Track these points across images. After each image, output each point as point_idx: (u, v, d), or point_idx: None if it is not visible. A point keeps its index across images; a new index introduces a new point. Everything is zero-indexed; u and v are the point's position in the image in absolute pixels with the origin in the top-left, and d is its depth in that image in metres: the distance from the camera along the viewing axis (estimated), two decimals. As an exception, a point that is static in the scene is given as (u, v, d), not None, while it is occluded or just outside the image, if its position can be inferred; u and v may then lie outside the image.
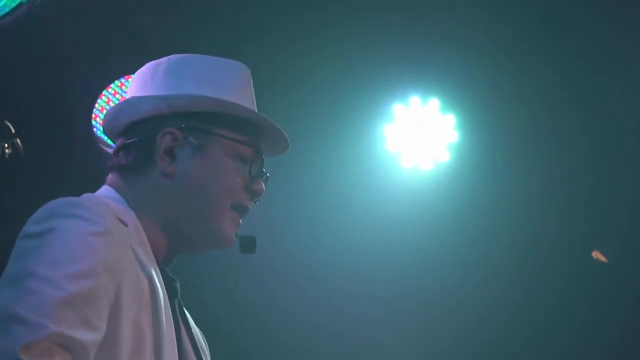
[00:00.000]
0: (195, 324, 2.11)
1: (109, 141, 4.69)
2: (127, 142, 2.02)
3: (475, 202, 5.13)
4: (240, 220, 2.03)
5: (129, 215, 1.91)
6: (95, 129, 4.65)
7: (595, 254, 5.18)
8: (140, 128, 2.01)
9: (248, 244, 2.06)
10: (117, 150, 2.05)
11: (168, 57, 2.09)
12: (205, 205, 1.97)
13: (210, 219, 1.98)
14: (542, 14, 4.74)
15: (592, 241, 5.24)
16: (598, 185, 5.10)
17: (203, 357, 2.01)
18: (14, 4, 3.40)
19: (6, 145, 2.72)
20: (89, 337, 1.66)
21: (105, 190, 2.01)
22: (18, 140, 2.73)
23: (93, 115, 4.64)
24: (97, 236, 1.75)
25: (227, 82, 2.05)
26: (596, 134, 5.02)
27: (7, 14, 3.36)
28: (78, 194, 1.93)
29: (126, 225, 1.86)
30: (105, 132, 2.15)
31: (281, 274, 5.11)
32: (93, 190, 2.03)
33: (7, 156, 2.69)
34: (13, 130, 2.74)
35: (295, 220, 5.10)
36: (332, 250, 5.13)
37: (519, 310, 5.27)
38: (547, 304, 5.28)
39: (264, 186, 2.05)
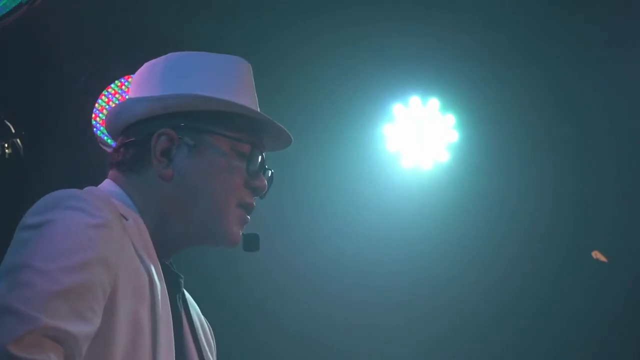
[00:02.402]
0: (205, 317, 2.10)
1: (109, 141, 4.71)
2: (125, 141, 2.01)
3: (475, 202, 5.13)
4: (248, 217, 2.01)
5: (131, 210, 1.91)
6: (95, 129, 4.66)
7: (595, 254, 5.18)
8: (137, 129, 2.00)
9: (251, 242, 2.05)
10: (117, 149, 2.04)
11: (166, 55, 2.08)
12: (206, 206, 1.95)
13: (214, 220, 1.96)
14: (541, 15, 4.74)
15: (591, 241, 5.24)
16: (597, 185, 5.10)
17: (205, 352, 2.00)
18: (14, 4, 3.39)
19: (6, 145, 2.72)
20: (81, 329, 1.65)
21: (108, 184, 2.00)
22: (18, 140, 2.72)
23: (93, 115, 4.64)
24: (95, 229, 1.74)
25: (222, 79, 2.03)
26: (595, 134, 5.02)
27: (7, 14, 3.35)
28: None
29: (127, 220, 1.85)
30: (107, 132, 2.14)
31: (280, 272, 5.11)
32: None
33: (7, 156, 2.69)
34: (13, 130, 2.74)
35: (295, 220, 5.10)
36: (332, 249, 5.13)
37: (517, 308, 5.27)
38: (546, 303, 5.28)
39: (265, 182, 2.02)
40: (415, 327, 5.26)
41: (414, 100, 5.06)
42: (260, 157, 2.01)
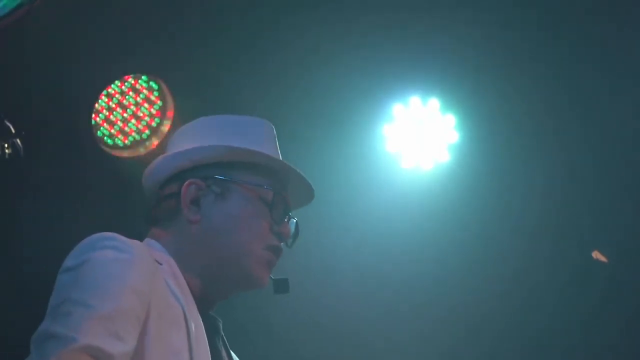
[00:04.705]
0: None
1: (109, 142, 4.70)
2: (162, 195, 2.19)
3: (475, 203, 5.13)
4: (276, 259, 2.19)
5: (166, 259, 2.05)
6: (95, 129, 4.65)
7: (595, 254, 5.18)
8: (171, 184, 2.18)
9: (281, 285, 2.23)
10: (154, 205, 2.21)
11: (196, 119, 2.27)
12: (233, 249, 2.11)
13: (240, 263, 2.11)
14: (541, 13, 4.74)
15: (593, 241, 5.24)
16: (598, 185, 5.10)
17: None
18: (14, 4, 3.39)
19: (6, 145, 2.72)
20: (117, 348, 1.79)
21: (146, 241, 2.15)
22: (18, 140, 2.73)
23: (93, 115, 4.64)
24: (125, 262, 1.90)
25: (245, 134, 2.20)
26: (597, 133, 5.02)
27: (7, 14, 3.35)
28: (78, 195, 2.01)
29: (160, 264, 2.00)
30: (145, 189, 2.29)
31: (281, 273, 5.10)
32: (91, 189, 2.13)
33: (7, 156, 2.70)
34: (13, 130, 2.74)
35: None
36: (332, 250, 5.13)
37: (518, 310, 5.27)
38: (547, 304, 5.28)
39: (289, 228, 2.21)
40: (415, 331, 5.25)
41: (414, 100, 5.06)
42: (283, 204, 2.19)
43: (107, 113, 4.69)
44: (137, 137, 4.74)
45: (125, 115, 4.71)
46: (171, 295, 1.96)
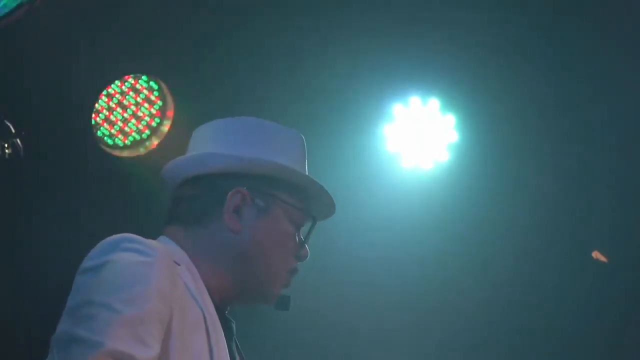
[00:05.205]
0: None
1: (109, 141, 4.70)
2: (193, 193, 2.12)
3: (475, 202, 5.13)
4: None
5: (183, 259, 2.03)
6: (95, 129, 4.65)
7: (595, 254, 5.18)
8: (209, 182, 2.11)
9: (283, 302, 2.20)
10: (178, 200, 2.14)
11: (234, 117, 2.21)
12: (265, 267, 2.11)
13: (267, 280, 2.12)
14: (541, 14, 4.74)
15: (591, 241, 5.24)
16: (597, 185, 5.10)
17: None
18: (14, 4, 3.39)
19: (6, 145, 2.72)
20: (144, 354, 1.77)
21: (161, 238, 2.10)
22: (18, 140, 2.73)
23: (93, 115, 4.64)
24: (148, 265, 1.87)
25: (290, 151, 2.18)
26: (596, 133, 5.02)
27: (7, 14, 3.35)
28: (78, 195, 1.99)
29: (179, 265, 1.97)
30: (165, 175, 2.20)
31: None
32: (91, 189, 2.09)
33: (7, 156, 2.70)
34: (13, 130, 2.74)
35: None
36: (332, 249, 5.13)
37: (517, 307, 5.28)
38: (546, 302, 5.28)
39: (308, 251, 2.20)
40: (415, 330, 5.26)
41: (414, 100, 5.06)
42: (313, 229, 2.22)
43: (107, 113, 4.69)
44: (137, 137, 4.75)
45: (125, 115, 4.71)
46: (191, 297, 1.94)
